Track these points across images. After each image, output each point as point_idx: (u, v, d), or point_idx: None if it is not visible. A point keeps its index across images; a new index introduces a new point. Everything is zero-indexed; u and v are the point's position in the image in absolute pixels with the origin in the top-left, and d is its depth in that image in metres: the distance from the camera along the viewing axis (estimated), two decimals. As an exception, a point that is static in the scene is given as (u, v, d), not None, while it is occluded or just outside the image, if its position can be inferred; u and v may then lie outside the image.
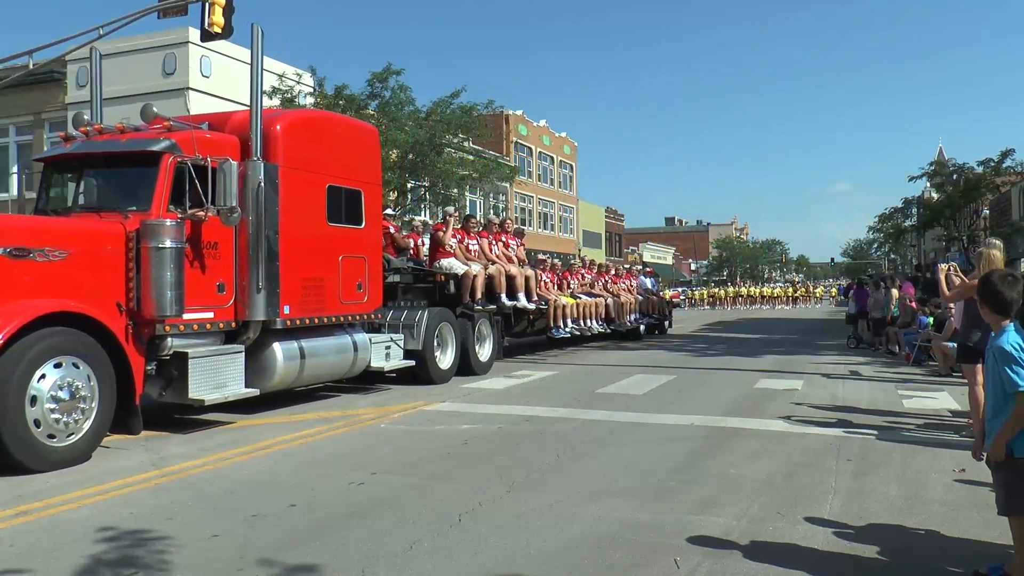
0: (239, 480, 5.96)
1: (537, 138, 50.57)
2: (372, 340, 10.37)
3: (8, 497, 5.49)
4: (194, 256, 7.87)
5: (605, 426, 8.15)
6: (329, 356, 9.54)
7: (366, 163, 10.47)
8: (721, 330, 27.76)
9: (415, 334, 11.38)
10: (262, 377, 8.64)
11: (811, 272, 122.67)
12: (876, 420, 8.45)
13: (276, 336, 8.77)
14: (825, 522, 4.82)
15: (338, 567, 4.11)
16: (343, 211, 9.78)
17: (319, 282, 9.33)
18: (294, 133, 9.16)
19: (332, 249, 9.57)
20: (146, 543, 4.47)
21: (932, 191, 45.41)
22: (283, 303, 8.71)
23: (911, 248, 66.68)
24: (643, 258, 77.05)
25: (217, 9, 15.46)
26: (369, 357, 10.26)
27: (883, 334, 17.87)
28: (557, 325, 16.64)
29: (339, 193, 9.72)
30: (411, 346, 11.30)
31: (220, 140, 8.43)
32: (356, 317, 10.11)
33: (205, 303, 8.02)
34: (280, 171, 8.73)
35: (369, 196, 10.32)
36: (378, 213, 10.78)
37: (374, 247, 10.53)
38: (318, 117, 10.86)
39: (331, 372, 9.81)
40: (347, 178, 9.90)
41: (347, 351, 9.81)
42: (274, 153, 8.71)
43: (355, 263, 9.99)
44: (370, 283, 10.26)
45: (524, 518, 4.94)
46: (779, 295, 62.32)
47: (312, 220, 9.28)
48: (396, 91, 23.26)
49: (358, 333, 10.11)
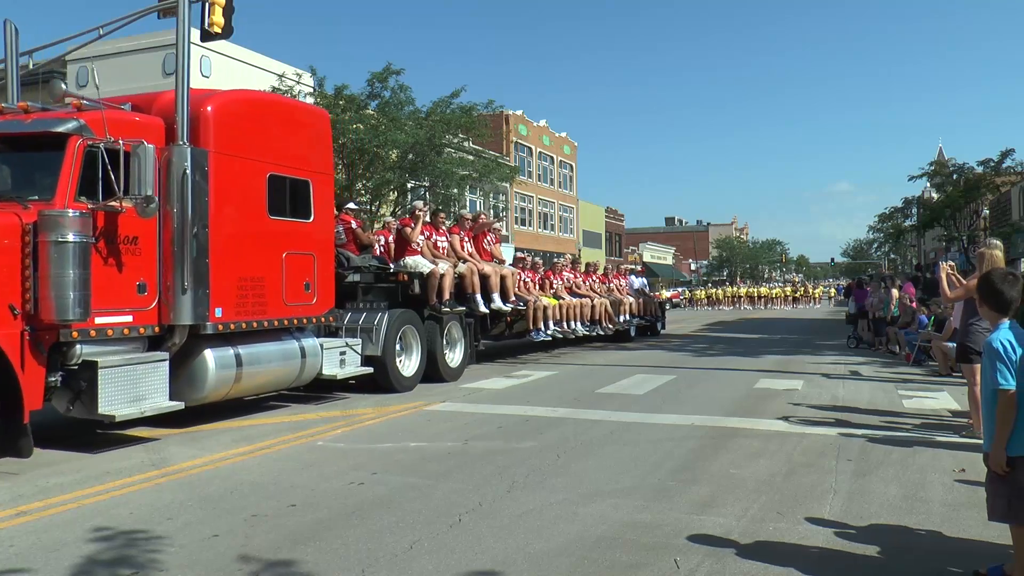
0: (239, 480, 5.95)
1: (537, 138, 50.59)
2: (324, 345, 9.54)
3: (8, 497, 5.49)
4: (108, 252, 7.06)
5: (605, 426, 8.15)
6: (272, 364, 8.71)
7: (316, 150, 9.55)
8: (721, 330, 27.75)
9: (374, 338, 10.46)
10: (191, 388, 7.83)
11: (811, 272, 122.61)
12: (876, 420, 8.44)
13: (208, 342, 7.95)
14: (825, 522, 4.82)
15: (338, 567, 4.11)
16: (288, 203, 8.97)
17: (259, 282, 8.51)
18: (228, 115, 8.30)
19: (274, 245, 8.75)
20: (146, 543, 4.47)
21: (932, 191, 45.45)
22: (214, 305, 7.89)
23: (911, 248, 66.72)
24: (643, 258, 77.13)
25: (217, 9, 15.40)
26: (320, 364, 9.42)
27: (883, 334, 17.88)
28: (537, 327, 15.66)
29: (283, 183, 8.92)
30: (370, 351, 10.39)
31: (138, 121, 7.54)
32: (304, 320, 9.22)
33: (122, 305, 7.20)
34: (211, 157, 7.88)
35: (319, 187, 9.46)
36: (330, 206, 9.90)
37: (325, 243, 9.67)
38: (258, 98, 9.67)
39: (275, 381, 8.99)
40: (293, 167, 9.06)
41: (293, 358, 8.98)
42: (204, 137, 7.88)
43: (302, 261, 9.15)
44: (320, 283, 9.43)
45: (524, 518, 4.94)
46: (777, 295, 60.90)
47: (250, 213, 8.44)
48: (396, 91, 23.28)
49: (307, 338, 9.29)
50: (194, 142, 7.75)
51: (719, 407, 9.35)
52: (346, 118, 22.26)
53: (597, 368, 14.05)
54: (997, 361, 3.57)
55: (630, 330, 20.58)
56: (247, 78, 25.04)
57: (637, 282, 22.91)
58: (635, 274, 24.07)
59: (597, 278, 20.00)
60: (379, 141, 22.16)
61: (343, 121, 22.15)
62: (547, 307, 16.00)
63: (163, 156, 7.44)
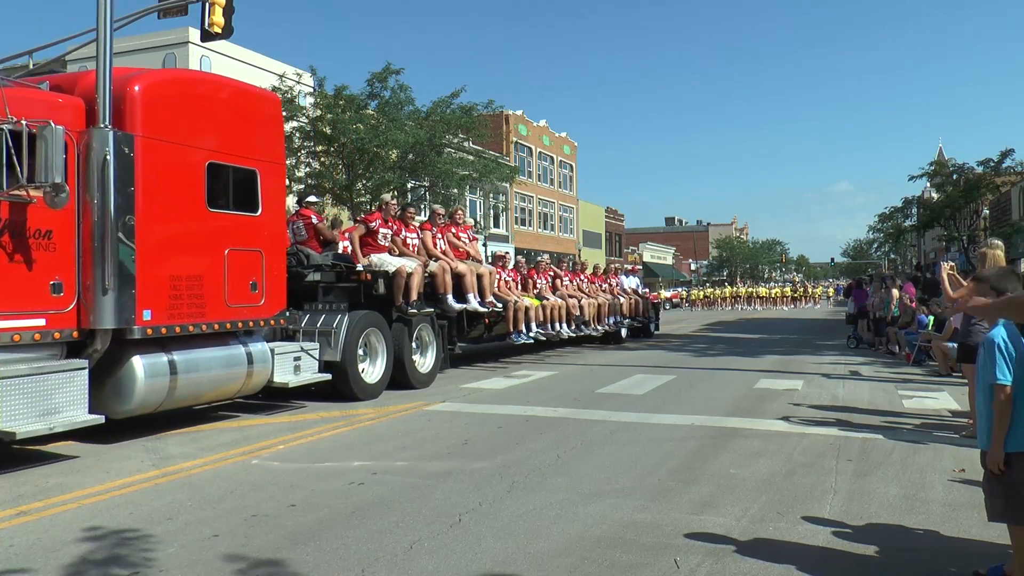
0: (239, 480, 5.95)
1: (537, 138, 50.59)
2: (276, 351, 8.82)
3: (8, 497, 5.49)
4: (15, 248, 6.37)
5: (605, 426, 8.15)
6: (212, 371, 7.97)
7: (264, 138, 8.77)
8: (721, 330, 27.75)
9: (333, 342, 9.65)
10: (118, 399, 7.13)
11: (811, 272, 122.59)
12: (876, 420, 8.44)
13: (137, 348, 7.21)
14: (825, 522, 4.82)
15: (338, 567, 4.11)
16: (231, 195, 8.25)
17: (196, 281, 7.76)
18: (160, 96, 7.53)
19: (215, 241, 8.02)
20: (146, 543, 4.47)
21: (932, 191, 45.45)
22: (142, 307, 7.13)
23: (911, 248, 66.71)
24: (643, 258, 77.13)
25: (217, 9, 15.43)
26: (270, 371, 8.68)
27: (883, 334, 17.87)
28: (518, 330, 14.70)
29: (225, 173, 8.19)
30: (328, 356, 9.62)
31: (48, 101, 6.83)
32: (251, 323, 8.47)
33: (33, 307, 6.49)
34: (139, 142, 7.13)
35: (268, 177, 8.69)
36: (280, 198, 9.13)
37: (275, 239, 8.88)
38: (196, 79, 8.65)
39: (216, 390, 8.22)
40: (237, 154, 8.30)
41: (238, 364, 8.26)
42: (131, 120, 7.13)
43: (247, 258, 8.39)
44: (270, 282, 8.67)
45: (524, 518, 4.94)
46: (776, 295, 59.82)
47: (186, 205, 7.69)
48: (396, 91, 23.27)
49: (255, 343, 8.56)
50: (119, 125, 7.02)
51: (719, 407, 9.35)
52: (346, 118, 22.26)
53: (597, 368, 14.05)
54: (997, 355, 3.57)
55: (621, 331, 19.87)
56: (247, 78, 25.09)
57: (629, 281, 21.85)
58: (628, 273, 23.04)
59: (586, 277, 19.17)
60: (379, 141, 22.16)
61: (343, 121, 22.15)
62: (529, 308, 15.10)
63: (82, 140, 6.82)
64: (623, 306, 19.82)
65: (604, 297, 18.83)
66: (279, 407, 9.40)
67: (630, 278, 22.14)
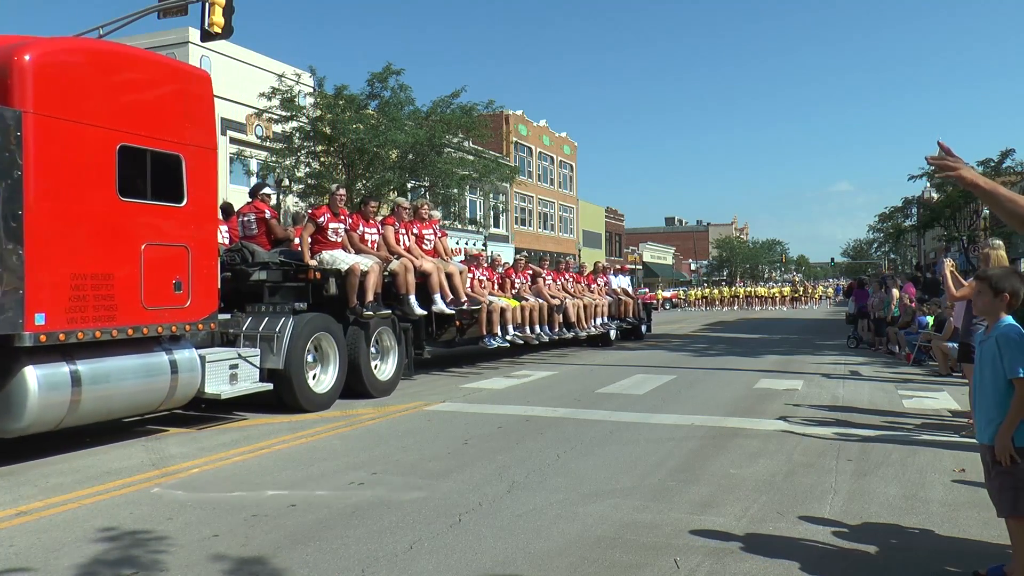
0: (239, 480, 5.95)
1: (537, 138, 50.61)
2: (207, 358, 7.96)
3: (8, 497, 5.49)
4: None
5: (605, 426, 8.15)
6: (127, 382, 7.09)
7: (191, 119, 7.83)
8: (721, 330, 27.75)
9: (275, 348, 8.75)
10: (7, 415, 6.25)
11: (811, 272, 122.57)
12: (876, 420, 8.44)
13: (32, 357, 6.32)
14: (825, 522, 4.82)
15: (338, 567, 4.11)
16: (149, 182, 7.34)
17: (104, 281, 6.85)
18: (56, 68, 6.61)
19: (128, 234, 7.09)
20: (146, 543, 4.47)
21: (932, 191, 45.45)
22: (33, 309, 6.26)
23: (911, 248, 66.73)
24: (643, 258, 77.14)
25: (217, 9, 15.48)
26: (199, 380, 7.82)
27: (883, 334, 17.88)
28: (492, 333, 13.75)
29: (141, 157, 7.25)
30: (270, 364, 8.74)
31: None
32: (175, 328, 7.58)
33: None
34: (29, 120, 6.27)
35: (196, 163, 7.79)
36: (211, 187, 8.21)
37: (204, 233, 7.98)
38: (104, 50, 7.48)
39: (133, 404, 7.35)
40: (156, 137, 7.40)
41: (159, 374, 7.38)
42: (19, 94, 6.27)
43: (170, 254, 7.51)
44: (198, 281, 7.78)
45: (524, 518, 4.94)
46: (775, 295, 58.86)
47: (91, 193, 6.79)
48: (396, 91, 23.26)
49: (182, 349, 7.71)
50: (5, 101, 6.25)
51: (719, 407, 9.35)
52: (346, 118, 22.26)
53: (597, 368, 14.05)
54: (1016, 349, 3.55)
55: (609, 333, 18.99)
56: (247, 78, 25.10)
57: (619, 281, 20.70)
58: (618, 272, 21.84)
59: (571, 277, 18.14)
60: (379, 141, 22.14)
61: (343, 121, 22.15)
62: (506, 309, 14.17)
63: None
64: (612, 307, 18.92)
65: (590, 297, 17.89)
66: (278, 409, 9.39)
67: (620, 277, 21.14)
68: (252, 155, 25.18)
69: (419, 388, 11.20)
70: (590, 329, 17.38)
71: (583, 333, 17.14)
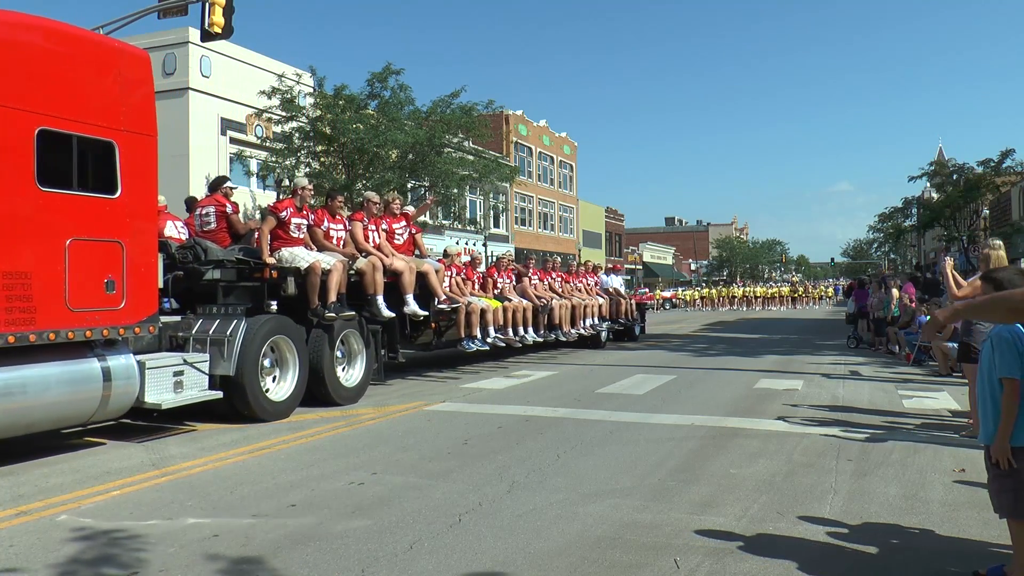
0: (239, 480, 5.95)
1: (537, 138, 50.60)
2: (147, 364, 7.24)
3: (8, 497, 5.49)
4: None
5: (605, 426, 8.15)
6: (49, 392, 6.43)
7: (127, 103, 7.11)
8: (721, 330, 27.76)
9: (226, 352, 8.05)
10: None
11: (811, 272, 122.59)
12: (876, 420, 8.44)
13: None
14: (825, 522, 4.83)
15: (338, 567, 4.11)
16: (75, 171, 6.70)
17: (20, 280, 6.21)
18: None
19: (50, 228, 6.42)
20: (146, 543, 4.47)
21: (932, 191, 45.48)
22: None
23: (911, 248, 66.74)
24: (643, 258, 77.14)
25: (217, 9, 15.48)
26: (136, 389, 7.13)
27: (883, 334, 17.88)
28: (471, 336, 12.93)
29: (65, 143, 6.61)
30: (221, 370, 8.05)
31: None
32: (106, 331, 6.83)
33: None
34: None
35: (131, 150, 7.09)
36: (151, 177, 7.41)
37: (141, 228, 7.21)
38: (21, 23, 6.54)
39: (57, 416, 6.66)
40: (84, 121, 6.72)
41: (89, 383, 6.69)
42: None
43: (100, 251, 6.79)
44: (134, 281, 7.08)
45: (524, 518, 4.94)
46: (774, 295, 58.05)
47: (3, 182, 6.13)
48: (396, 91, 23.27)
49: (118, 355, 6.99)
50: None
51: (719, 407, 9.35)
52: (346, 118, 22.27)
53: (597, 368, 14.05)
54: (1006, 349, 3.58)
55: (600, 335, 18.32)
56: (247, 78, 25.09)
57: (611, 281, 19.96)
58: (610, 272, 21.13)
59: (559, 276, 17.26)
60: (379, 141, 22.15)
61: (343, 121, 22.16)
62: (486, 310, 13.36)
63: None
64: (602, 307, 18.07)
65: (580, 298, 17.18)
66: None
67: (612, 277, 20.38)
68: (252, 155, 25.19)
69: (419, 388, 11.20)
70: (579, 330, 16.73)
71: (571, 335, 16.47)
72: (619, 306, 19.30)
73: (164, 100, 24.59)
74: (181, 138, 24.27)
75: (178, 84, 24.51)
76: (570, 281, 17.65)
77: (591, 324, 17.32)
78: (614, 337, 19.95)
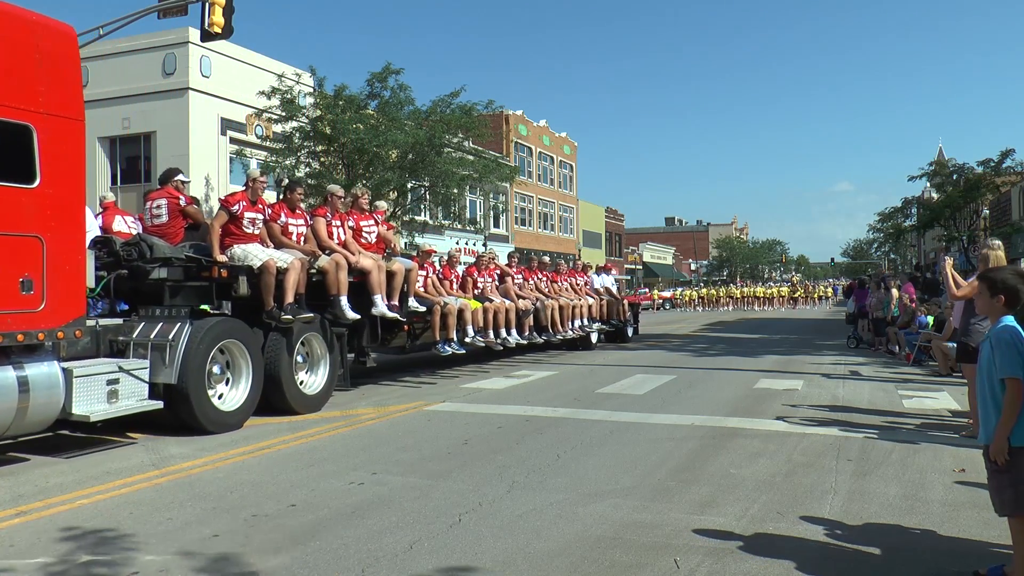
0: (239, 480, 5.95)
1: (537, 138, 50.61)
2: (74, 372, 6.56)
3: (8, 497, 5.49)
4: None
5: (605, 426, 8.15)
6: None
7: (47, 83, 6.44)
8: (721, 330, 27.76)
9: (167, 358, 7.38)
10: None
11: (811, 272, 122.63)
12: (876, 420, 8.44)
13: None
14: (825, 522, 4.83)
15: (338, 567, 4.11)
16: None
17: None
18: None
19: None
20: (146, 543, 4.47)
21: (932, 191, 45.51)
22: None
23: (911, 248, 66.75)
24: (643, 258, 77.17)
25: (217, 9, 15.49)
26: (61, 399, 6.46)
27: (883, 334, 17.88)
28: (448, 338, 12.22)
29: None
30: (162, 378, 7.37)
31: None
32: (21, 336, 6.15)
33: None
34: None
35: (52, 136, 6.40)
36: (78, 164, 6.74)
37: (65, 221, 6.54)
38: None
39: None
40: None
41: (4, 395, 6.03)
42: None
43: (13, 246, 6.12)
44: (56, 280, 6.41)
45: (524, 518, 4.94)
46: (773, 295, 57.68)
47: None
48: (396, 91, 23.28)
49: (38, 363, 6.32)
50: None
51: (719, 407, 9.35)
52: (346, 118, 22.27)
53: (597, 368, 14.05)
54: (1009, 349, 3.58)
55: (590, 336, 17.70)
56: (247, 78, 25.10)
57: (602, 280, 19.30)
58: (601, 271, 20.53)
59: (545, 276, 16.60)
60: (379, 141, 22.15)
61: (343, 121, 22.16)
62: (464, 311, 12.61)
63: None
64: (591, 308, 17.33)
65: (568, 298, 16.55)
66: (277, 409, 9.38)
67: (604, 276, 19.70)
68: (252, 155, 25.20)
69: (419, 388, 11.19)
70: (567, 332, 16.06)
71: (558, 337, 15.80)
72: (610, 307, 18.62)
73: (164, 100, 24.80)
74: (181, 138, 24.29)
75: (178, 84, 24.54)
76: (557, 281, 17.05)
77: (580, 325, 16.74)
78: (606, 339, 19.50)
